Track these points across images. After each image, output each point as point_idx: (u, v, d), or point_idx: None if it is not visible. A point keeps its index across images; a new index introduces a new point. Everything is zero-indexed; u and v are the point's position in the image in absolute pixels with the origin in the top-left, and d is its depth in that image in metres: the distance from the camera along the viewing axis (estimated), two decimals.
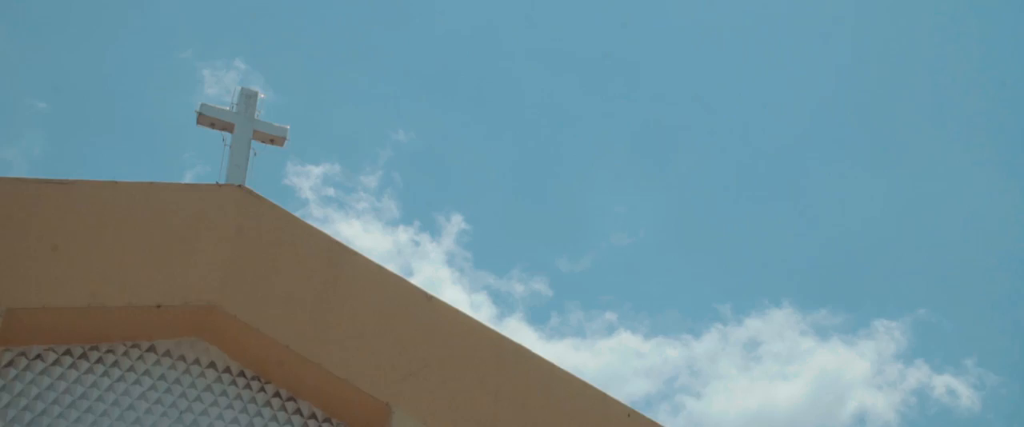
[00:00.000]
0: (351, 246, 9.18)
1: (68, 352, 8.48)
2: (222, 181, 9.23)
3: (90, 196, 8.67)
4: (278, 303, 8.89)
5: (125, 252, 8.61)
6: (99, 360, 8.56)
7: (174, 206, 8.93)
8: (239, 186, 9.21)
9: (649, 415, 9.36)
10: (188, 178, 9.17)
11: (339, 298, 9.08)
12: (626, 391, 30.20)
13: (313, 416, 8.96)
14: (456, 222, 30.33)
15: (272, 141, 9.72)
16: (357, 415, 8.90)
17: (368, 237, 30.09)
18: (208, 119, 9.59)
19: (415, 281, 9.28)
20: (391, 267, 9.21)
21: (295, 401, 8.96)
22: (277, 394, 8.95)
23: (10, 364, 8.27)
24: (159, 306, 8.57)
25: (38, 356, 8.39)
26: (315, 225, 9.19)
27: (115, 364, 8.60)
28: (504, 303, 30.79)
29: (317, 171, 29.41)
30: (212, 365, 8.88)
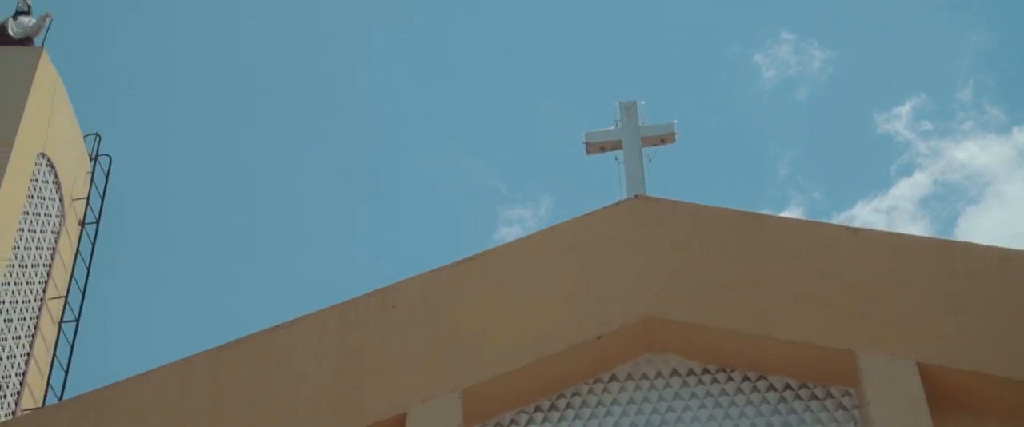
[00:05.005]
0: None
1: (537, 407, 8.88)
2: (623, 197, 9.36)
3: (502, 261, 9.12)
4: (710, 292, 8.82)
5: (551, 300, 8.92)
6: (568, 405, 8.87)
7: (582, 238, 9.16)
8: (637, 196, 9.27)
9: None
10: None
11: (765, 266, 8.85)
12: None
13: (787, 387, 8.71)
14: None
15: (662, 141, 9.72)
16: (824, 371, 8.55)
17: (986, 154, 28.39)
18: (597, 145, 9.79)
19: None
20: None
21: (766, 378, 8.77)
22: (746, 377, 8.80)
23: None
24: (599, 337, 8.77)
25: (512, 421, 8.84)
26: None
27: (584, 404, 8.86)
28: None
29: (905, 110, 28.28)
30: (675, 373, 8.91)
